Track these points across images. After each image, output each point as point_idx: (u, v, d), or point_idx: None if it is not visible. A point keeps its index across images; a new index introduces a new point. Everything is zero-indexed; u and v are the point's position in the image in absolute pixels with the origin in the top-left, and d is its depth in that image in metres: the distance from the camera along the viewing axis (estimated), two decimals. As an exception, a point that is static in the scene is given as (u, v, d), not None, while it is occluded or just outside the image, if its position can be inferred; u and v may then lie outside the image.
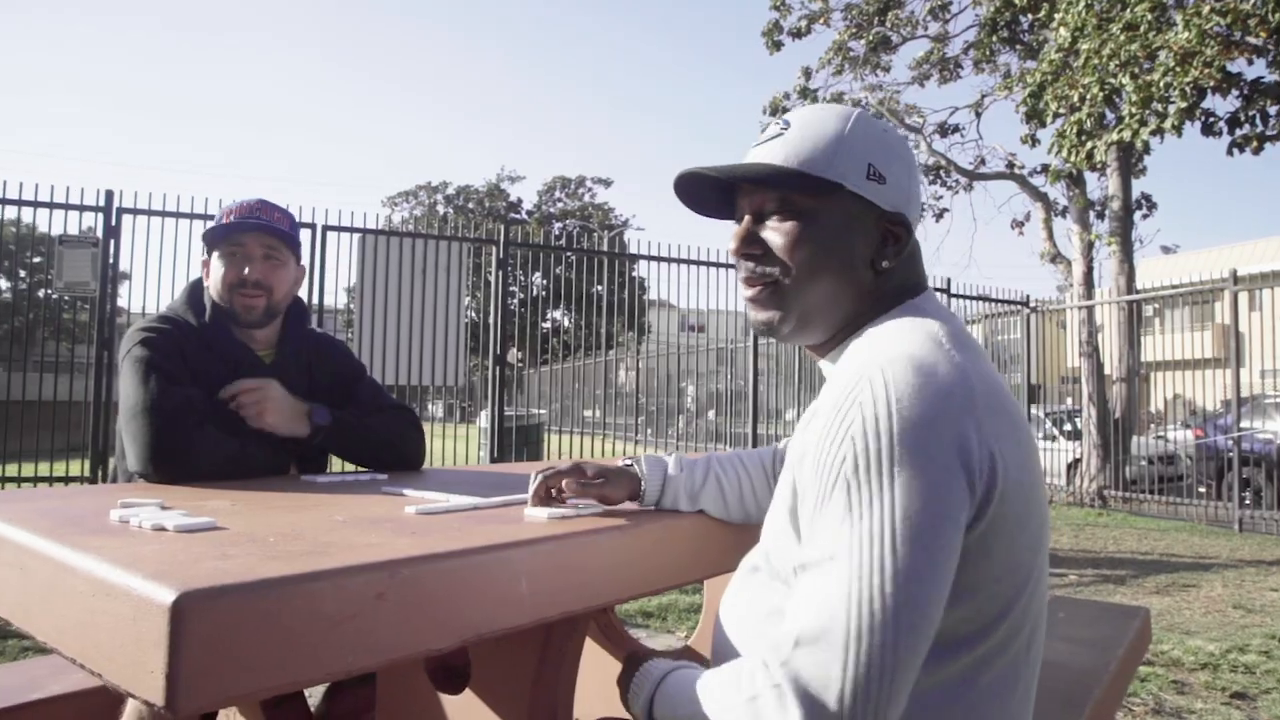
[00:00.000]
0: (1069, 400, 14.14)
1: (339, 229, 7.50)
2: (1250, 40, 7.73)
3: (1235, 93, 8.04)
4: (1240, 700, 3.21)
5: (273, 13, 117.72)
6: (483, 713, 1.28)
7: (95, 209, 6.98)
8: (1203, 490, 9.48)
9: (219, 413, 1.70)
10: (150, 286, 7.20)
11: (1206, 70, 7.53)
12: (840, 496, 0.83)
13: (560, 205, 45.40)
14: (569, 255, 9.49)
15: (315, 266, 7.36)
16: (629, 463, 1.35)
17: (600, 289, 9.54)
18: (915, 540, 0.80)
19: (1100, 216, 11.70)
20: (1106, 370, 10.77)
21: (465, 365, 8.24)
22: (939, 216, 14.79)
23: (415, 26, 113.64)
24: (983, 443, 0.86)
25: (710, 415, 15.43)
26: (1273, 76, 8.19)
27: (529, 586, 0.99)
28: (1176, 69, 7.62)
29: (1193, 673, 3.52)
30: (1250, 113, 8.07)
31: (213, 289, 1.84)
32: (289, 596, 0.76)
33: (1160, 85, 7.75)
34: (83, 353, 7.97)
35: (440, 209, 42.07)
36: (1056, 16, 9.08)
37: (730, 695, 0.83)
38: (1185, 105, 7.74)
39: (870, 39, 13.40)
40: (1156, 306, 11.02)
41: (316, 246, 7.37)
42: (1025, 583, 0.92)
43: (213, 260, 1.85)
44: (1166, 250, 21.06)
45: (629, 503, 1.35)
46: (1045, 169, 11.72)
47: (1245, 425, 8.87)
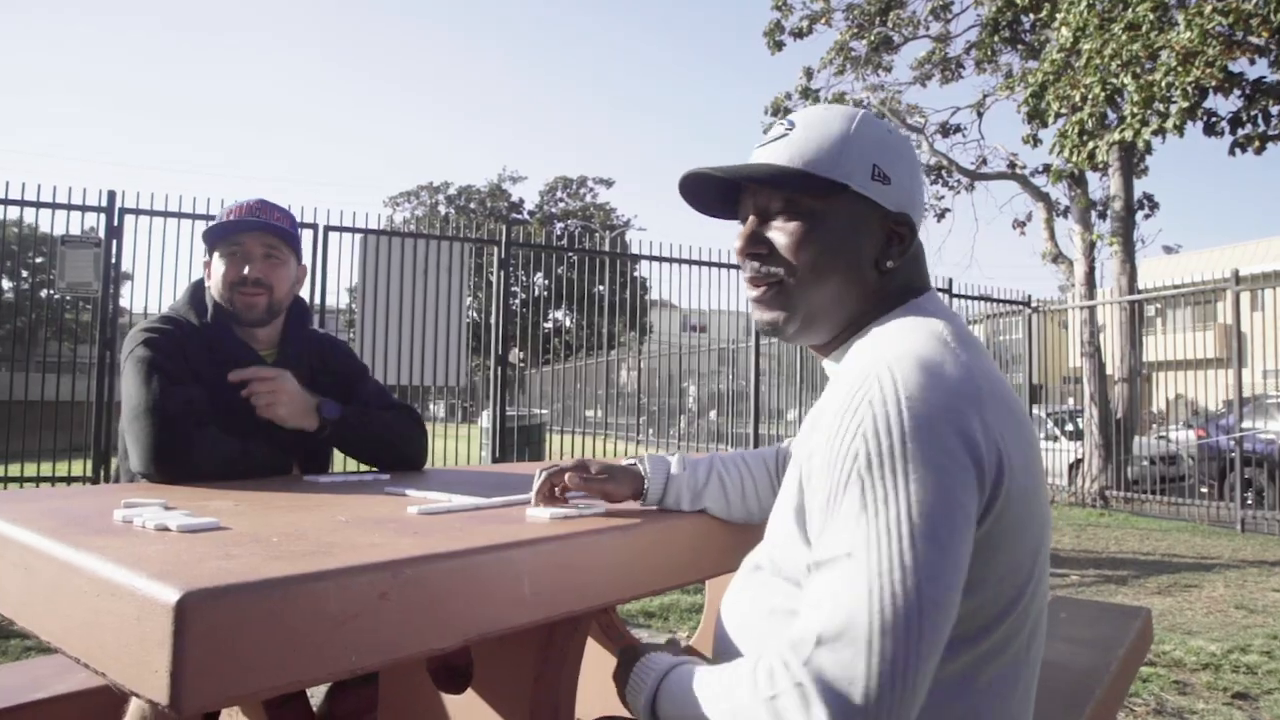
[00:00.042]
0: (1071, 400, 14.14)
1: (341, 229, 7.50)
2: (1252, 40, 7.73)
3: (1237, 92, 8.04)
4: (1242, 701, 3.21)
5: (273, 13, 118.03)
6: (485, 712, 1.28)
7: (98, 209, 6.99)
8: (1205, 490, 9.47)
9: (221, 413, 1.70)
10: (152, 287, 7.23)
11: (1208, 70, 7.53)
12: (854, 493, 0.82)
13: (562, 205, 45.40)
14: (571, 255, 9.49)
15: (317, 267, 7.37)
16: (633, 462, 1.35)
17: (602, 289, 9.54)
18: (931, 536, 0.80)
19: (1102, 216, 11.71)
20: (1108, 370, 10.76)
21: (467, 365, 8.24)
22: (941, 217, 14.79)
23: (415, 26, 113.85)
24: (990, 440, 0.86)
25: (712, 415, 15.43)
26: (1275, 76, 8.20)
27: (531, 586, 1.00)
28: (1178, 69, 7.62)
29: (1194, 673, 3.51)
30: (1252, 112, 8.07)
31: (214, 289, 1.85)
32: (292, 596, 0.76)
33: (1162, 85, 7.75)
34: (85, 353, 7.97)
35: (442, 209, 42.08)
36: (1058, 16, 9.07)
37: (746, 694, 0.82)
38: (1187, 105, 7.74)
39: (872, 39, 13.41)
40: (1158, 306, 11.01)
41: (318, 247, 7.38)
42: (1027, 582, 0.92)
43: (214, 260, 1.85)
44: (1168, 250, 21.04)
45: (632, 501, 1.35)
46: (1047, 169, 11.72)
47: (1247, 425, 8.86)
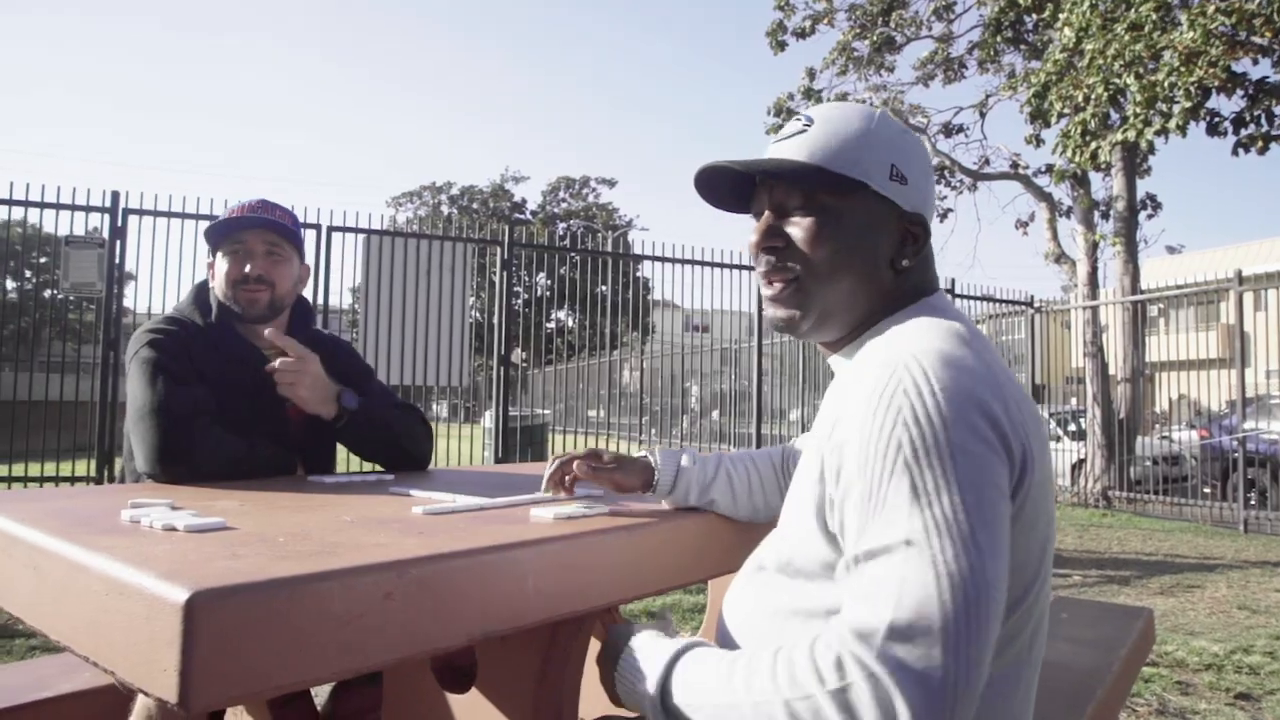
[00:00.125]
0: (1073, 400, 14.13)
1: (344, 229, 7.51)
2: (1255, 40, 7.71)
3: (1240, 93, 8.02)
4: (1244, 701, 3.20)
5: (273, 13, 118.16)
6: (488, 712, 1.29)
7: (101, 210, 7.00)
8: (1207, 491, 9.45)
9: (226, 413, 1.71)
10: (156, 287, 7.24)
11: (1211, 70, 7.51)
12: (902, 483, 0.81)
13: (564, 205, 45.41)
14: (573, 256, 9.49)
15: (320, 267, 7.38)
16: (644, 454, 1.37)
17: (604, 289, 9.54)
18: (984, 524, 0.80)
19: (1105, 216, 11.70)
20: (1111, 370, 10.75)
21: (470, 365, 8.24)
22: (943, 217, 14.79)
23: (416, 26, 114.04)
24: (1016, 431, 0.87)
25: (714, 415, 15.43)
26: (1278, 76, 8.18)
27: (535, 586, 1.00)
28: (1181, 69, 7.60)
29: (1197, 673, 3.51)
30: (1255, 113, 8.05)
31: (217, 288, 1.86)
32: (299, 596, 0.77)
33: (1165, 85, 7.74)
34: (88, 353, 7.99)
35: (445, 209, 42.10)
36: (1061, 16, 9.06)
37: (810, 685, 0.77)
38: (1190, 105, 7.72)
39: (874, 39, 13.40)
40: (1161, 307, 10.99)
41: (321, 247, 7.39)
42: (1034, 581, 0.93)
43: (217, 259, 1.87)
44: (1171, 250, 20.96)
45: (641, 492, 1.38)
46: (1050, 169, 11.71)
47: (1250, 426, 8.85)
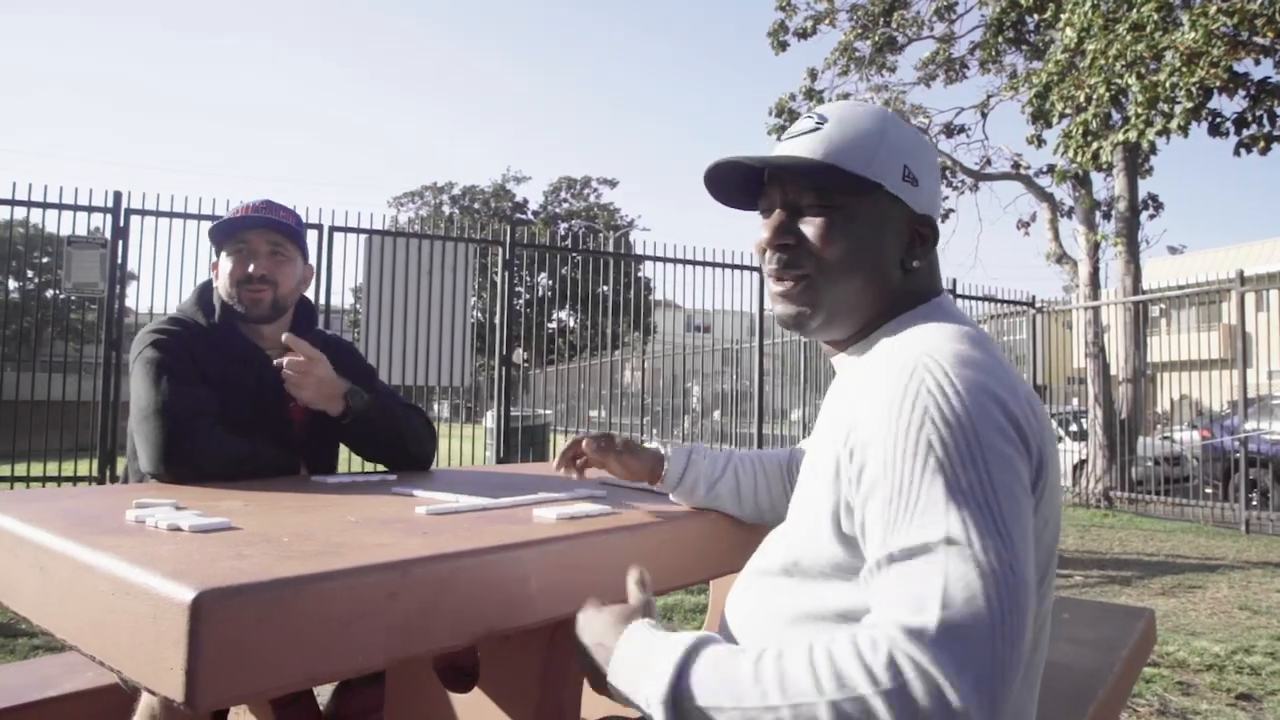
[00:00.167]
0: (1075, 401, 14.13)
1: (345, 230, 7.51)
2: (1257, 40, 7.71)
3: (1242, 93, 8.01)
4: (1246, 701, 3.21)
5: (273, 13, 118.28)
6: (491, 711, 1.29)
7: (104, 210, 7.00)
8: (1209, 491, 9.45)
9: (230, 414, 1.72)
10: (158, 287, 7.24)
11: (1213, 70, 7.51)
12: (937, 481, 0.80)
13: (566, 205, 45.40)
14: (575, 256, 9.50)
15: (322, 267, 7.38)
16: (655, 446, 1.40)
17: (606, 289, 9.54)
18: (1016, 522, 0.80)
19: (1106, 217, 11.68)
20: (1112, 371, 10.75)
21: (471, 365, 8.25)
22: (945, 217, 14.78)
23: (416, 26, 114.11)
24: (1034, 431, 0.88)
25: (715, 415, 15.43)
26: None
27: (538, 586, 1.01)
28: (1183, 69, 7.60)
29: (1198, 674, 3.52)
30: (1257, 113, 8.04)
31: (221, 287, 1.87)
32: (304, 596, 0.77)
33: (1166, 85, 7.73)
34: (90, 353, 8.00)
35: (446, 209, 42.11)
36: (1062, 17, 9.06)
37: (853, 686, 0.72)
38: (1192, 105, 7.71)
39: (876, 39, 13.39)
40: (1163, 307, 10.99)
41: (323, 247, 7.39)
42: (1040, 581, 0.93)
43: (221, 259, 1.88)
44: (1173, 250, 20.91)
45: (649, 483, 1.40)
46: (1051, 169, 11.70)
47: (1252, 426, 8.85)
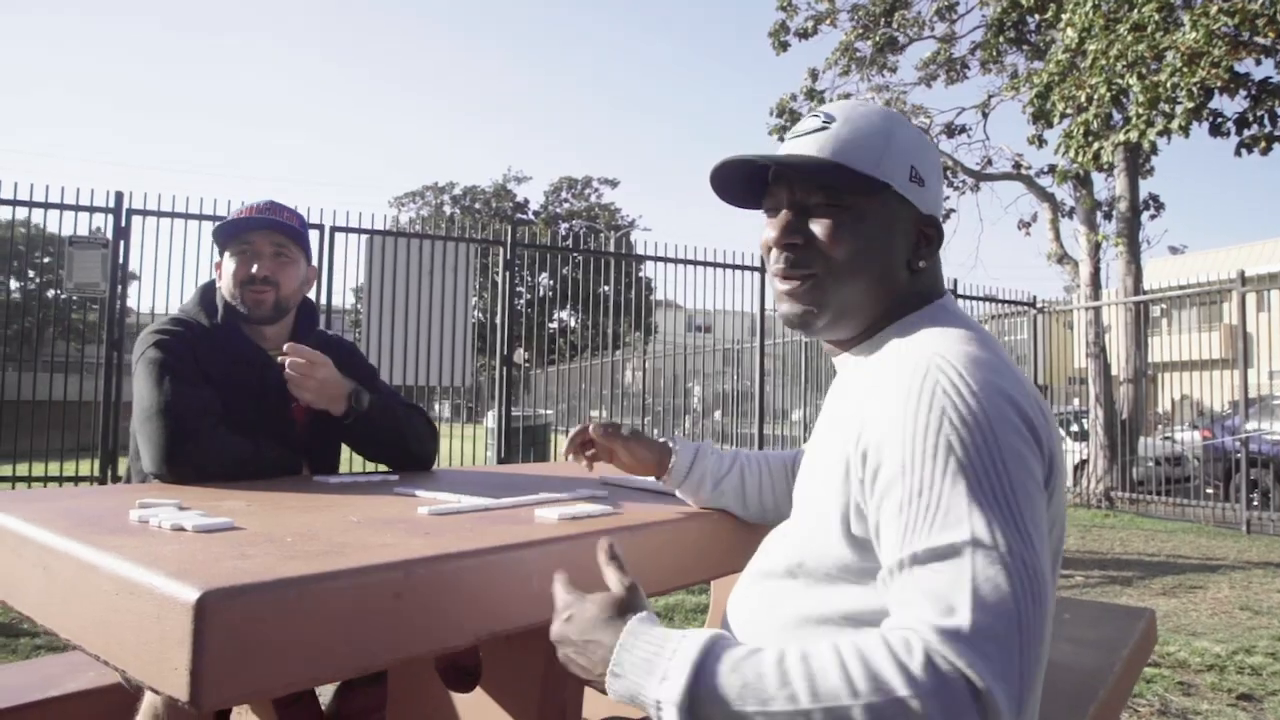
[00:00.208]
0: (1076, 401, 14.12)
1: (347, 230, 7.52)
2: (1258, 40, 7.70)
3: (1243, 93, 8.00)
4: (1246, 702, 3.21)
5: (273, 13, 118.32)
6: (493, 711, 1.29)
7: (105, 210, 7.00)
8: (1210, 491, 9.44)
9: (232, 414, 1.72)
10: (159, 287, 7.25)
11: (1214, 70, 7.51)
12: (959, 483, 0.79)
13: (567, 206, 45.39)
14: (576, 256, 9.50)
15: (323, 267, 7.38)
16: (665, 439, 1.41)
17: (607, 289, 9.55)
18: (1035, 522, 0.80)
19: (1107, 217, 11.68)
20: (1113, 371, 10.74)
21: (473, 366, 8.25)
22: (946, 217, 14.74)
23: (416, 26, 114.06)
24: (1045, 433, 0.88)
25: (716, 415, 15.43)
26: (1281, 77, 8.17)
27: (540, 586, 1.01)
28: (1184, 69, 7.60)
29: (1199, 674, 3.52)
30: (1258, 113, 8.03)
31: (224, 287, 1.87)
32: (308, 596, 0.77)
33: (1167, 86, 7.73)
34: (92, 353, 8.01)
35: (447, 209, 42.11)
36: (1063, 17, 9.05)
37: (890, 689, 0.70)
38: (1193, 106, 7.71)
39: (877, 40, 13.39)
40: (1164, 307, 10.99)
41: (324, 247, 7.40)
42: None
43: (224, 259, 1.88)
44: (1174, 251, 20.92)
45: (655, 475, 1.41)
46: (1052, 169, 11.69)
47: (1253, 426, 8.85)
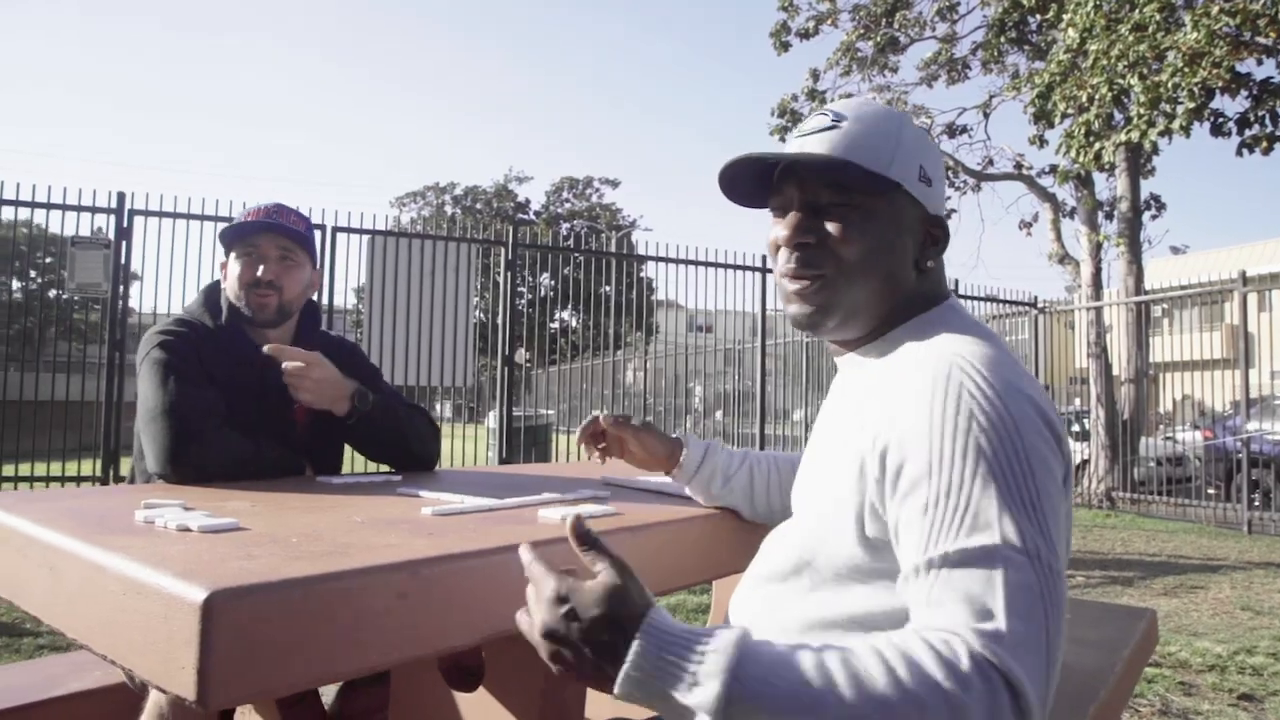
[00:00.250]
0: (1077, 401, 14.12)
1: (348, 230, 7.53)
2: (1260, 40, 7.70)
3: (1244, 93, 8.00)
4: (1247, 702, 3.21)
5: (273, 13, 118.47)
6: (496, 711, 1.30)
7: (108, 210, 7.02)
8: (1211, 492, 9.44)
9: (236, 414, 1.73)
10: (161, 287, 7.26)
11: (1215, 71, 7.50)
12: (989, 484, 0.79)
13: (568, 206, 45.39)
14: (577, 256, 9.51)
15: (325, 267, 7.40)
16: (676, 435, 1.42)
17: (608, 289, 9.55)
18: (1056, 525, 0.80)
19: (1109, 217, 11.67)
20: (1115, 371, 10.74)
21: (474, 366, 8.26)
22: (947, 217, 14.73)
23: (416, 26, 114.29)
24: (1063, 436, 0.89)
25: (718, 415, 15.43)
26: (1282, 77, 8.17)
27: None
28: (1185, 69, 7.59)
29: (1200, 674, 3.52)
30: (1260, 113, 8.03)
31: (229, 289, 1.88)
32: (314, 596, 0.78)
33: (1169, 86, 7.73)
34: (93, 353, 8.02)
35: (448, 209, 42.13)
36: (1065, 17, 9.05)
37: (940, 687, 0.69)
38: (1194, 106, 7.71)
39: (878, 40, 13.39)
40: (1165, 307, 10.99)
41: (326, 247, 7.41)
42: None
43: (230, 261, 1.89)
44: (1175, 251, 20.97)
45: (665, 470, 1.42)
46: (1053, 170, 11.68)
47: (1254, 426, 8.85)
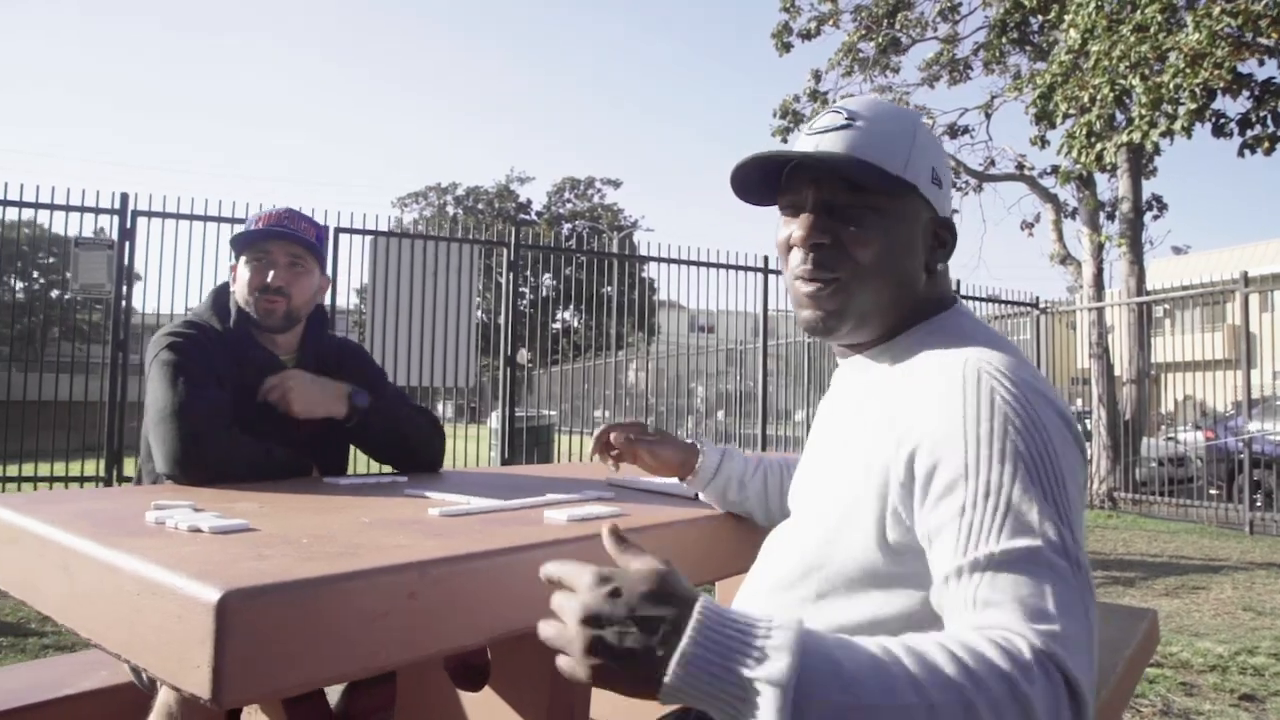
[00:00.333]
0: (1079, 401, 14.11)
1: (350, 231, 7.55)
2: (1261, 41, 7.70)
3: (1246, 94, 8.00)
4: (1249, 702, 3.22)
5: (273, 13, 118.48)
6: (502, 710, 1.31)
7: (111, 211, 7.04)
8: (1213, 492, 9.44)
9: (244, 416, 1.74)
10: (164, 288, 7.28)
11: (1217, 71, 7.51)
12: (1029, 486, 0.79)
13: (570, 206, 45.44)
14: (579, 256, 9.52)
15: (327, 268, 7.41)
16: (691, 440, 1.42)
17: (610, 290, 9.57)
18: (1081, 526, 0.81)
19: (1110, 218, 11.69)
20: (1116, 372, 10.74)
21: (476, 366, 8.27)
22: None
23: (416, 26, 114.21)
24: (1080, 441, 0.89)
25: (719, 416, 15.43)
26: (1284, 77, 8.17)
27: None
28: (1187, 70, 7.60)
29: (1201, 674, 3.53)
30: (1261, 114, 8.03)
31: (239, 293, 1.90)
32: (326, 596, 0.79)
33: (1170, 86, 7.73)
34: (96, 353, 8.03)
35: (450, 210, 42.17)
36: (1066, 18, 9.06)
37: (1008, 682, 0.67)
38: (1195, 106, 7.72)
39: (880, 41, 13.40)
40: (1167, 308, 10.98)
41: (328, 248, 7.42)
42: None
43: (240, 265, 1.91)
44: (1177, 251, 20.96)
45: (679, 477, 1.42)
46: (1055, 170, 11.68)
47: (1256, 427, 8.85)
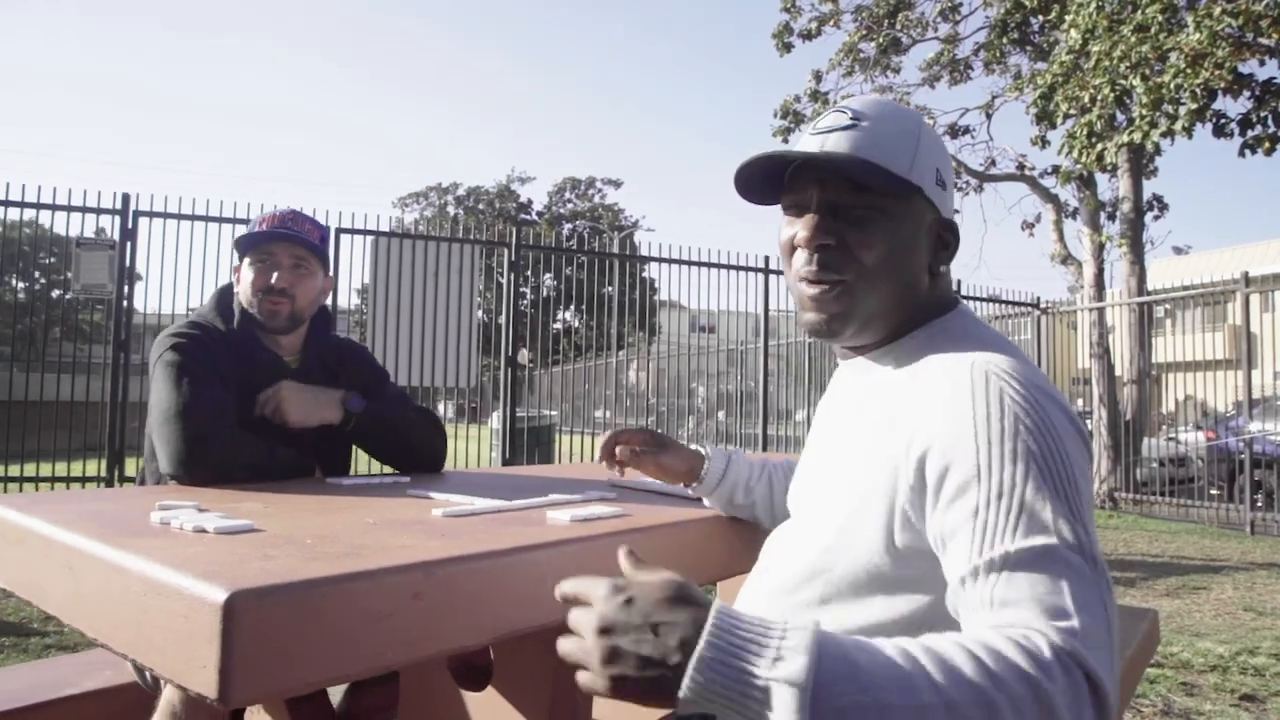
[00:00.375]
0: (1079, 402, 14.11)
1: (351, 231, 7.56)
2: (1262, 41, 7.70)
3: (1247, 94, 8.00)
4: (1249, 702, 3.22)
5: (273, 13, 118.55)
6: (505, 710, 1.32)
7: (112, 211, 7.05)
8: (1214, 492, 9.44)
9: (247, 416, 1.75)
10: (166, 288, 7.29)
11: (1218, 72, 7.51)
12: (1042, 487, 0.79)
13: (570, 206, 45.44)
14: (580, 257, 9.53)
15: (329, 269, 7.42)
16: (696, 447, 1.41)
17: (611, 290, 9.57)
18: (1093, 525, 0.81)
19: (1111, 218, 11.68)
20: (1117, 372, 10.74)
21: (477, 366, 8.28)
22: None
23: (416, 26, 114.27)
24: (1088, 442, 0.90)
25: (720, 416, 15.43)
26: (1285, 78, 8.17)
27: (553, 586, 1.04)
28: (1187, 70, 7.60)
29: (1202, 675, 3.53)
30: (1262, 114, 8.02)
31: (242, 295, 1.90)
32: (332, 596, 0.80)
33: (1171, 87, 7.73)
34: (98, 353, 8.04)
35: (451, 210, 42.19)
36: (1067, 18, 9.06)
37: (1029, 681, 0.67)
38: (1196, 107, 7.72)
39: (880, 41, 13.40)
40: (1168, 308, 10.98)
41: (329, 248, 7.43)
42: None
43: (243, 267, 1.91)
44: (1178, 251, 20.95)
45: (685, 483, 1.41)
46: (1056, 170, 11.68)
47: (1257, 427, 8.85)
